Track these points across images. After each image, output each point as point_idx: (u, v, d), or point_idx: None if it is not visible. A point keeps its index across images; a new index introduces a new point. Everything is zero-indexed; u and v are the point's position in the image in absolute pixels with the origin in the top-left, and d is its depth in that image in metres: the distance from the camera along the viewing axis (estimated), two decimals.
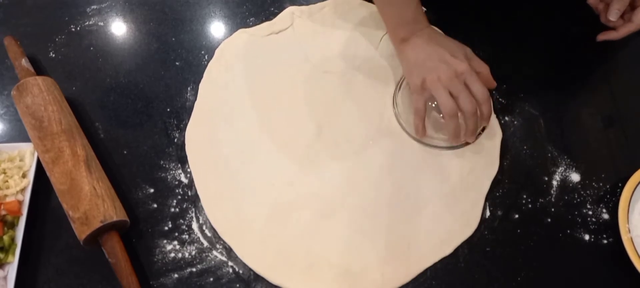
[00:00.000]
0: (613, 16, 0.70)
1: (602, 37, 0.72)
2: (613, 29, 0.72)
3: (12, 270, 0.57)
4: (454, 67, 0.61)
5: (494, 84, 0.65)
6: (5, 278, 0.57)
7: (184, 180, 0.65)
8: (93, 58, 0.74)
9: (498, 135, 0.67)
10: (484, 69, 0.64)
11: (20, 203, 0.60)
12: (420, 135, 0.66)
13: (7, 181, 0.61)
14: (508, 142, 0.67)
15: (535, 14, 0.78)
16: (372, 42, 0.74)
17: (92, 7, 0.78)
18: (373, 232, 0.61)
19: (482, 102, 0.61)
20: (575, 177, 0.65)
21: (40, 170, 0.62)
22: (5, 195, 0.60)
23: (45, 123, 0.62)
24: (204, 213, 0.62)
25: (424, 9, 0.76)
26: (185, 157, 0.66)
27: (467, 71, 0.61)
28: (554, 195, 0.64)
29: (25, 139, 0.64)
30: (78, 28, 0.76)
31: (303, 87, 0.71)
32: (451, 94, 0.61)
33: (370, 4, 0.78)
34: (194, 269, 0.60)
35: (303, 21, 0.76)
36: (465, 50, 0.65)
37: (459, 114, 0.62)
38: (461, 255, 0.60)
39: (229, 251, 0.61)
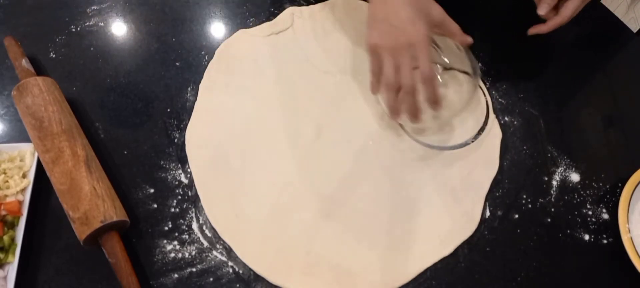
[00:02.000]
0: (542, 10, 0.66)
1: (533, 30, 0.68)
2: (543, 22, 0.68)
3: (12, 270, 0.57)
4: (408, 36, 0.57)
5: (468, 39, 0.63)
6: (5, 278, 0.57)
7: (184, 180, 0.65)
8: (93, 58, 0.74)
9: (498, 135, 0.67)
10: (455, 28, 0.61)
11: (21, 203, 0.60)
12: (374, 91, 0.64)
13: (7, 181, 0.61)
14: (508, 142, 0.68)
15: (536, 14, 0.78)
16: None
17: (93, 7, 0.78)
18: (373, 232, 0.61)
19: (423, 81, 0.58)
20: (575, 177, 0.65)
21: (40, 170, 0.62)
22: (6, 196, 0.60)
23: (46, 123, 0.62)
24: (204, 213, 0.62)
25: None
26: (185, 157, 0.66)
27: (419, 44, 0.57)
28: (554, 195, 0.64)
29: (25, 139, 0.64)
30: (78, 28, 0.76)
31: (303, 87, 0.71)
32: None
33: None
34: (194, 269, 0.60)
35: (303, 21, 0.76)
36: (433, 14, 0.60)
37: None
38: (461, 255, 0.60)
39: (229, 251, 0.61)
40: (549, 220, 0.62)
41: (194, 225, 0.62)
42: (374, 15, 0.61)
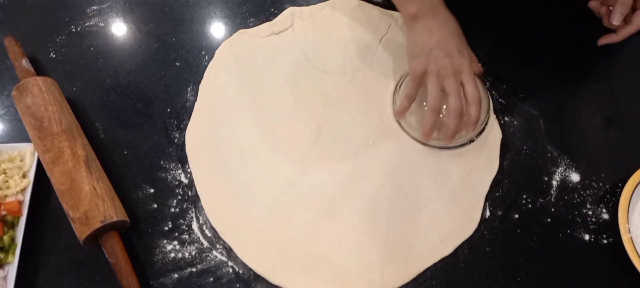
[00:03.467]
0: (616, 20, 0.69)
1: (603, 41, 0.72)
2: (613, 31, 0.72)
3: (12, 270, 0.57)
4: (456, 64, 0.61)
5: (480, 69, 0.67)
6: (5, 278, 0.57)
7: (184, 180, 0.65)
8: (93, 58, 0.74)
9: (498, 135, 0.67)
10: (474, 58, 0.66)
11: (21, 203, 0.60)
12: (399, 116, 0.67)
13: (7, 181, 0.61)
14: (508, 142, 0.67)
15: (535, 13, 0.78)
16: (372, 43, 0.75)
17: (93, 7, 0.78)
18: (373, 232, 0.61)
19: (471, 103, 0.61)
20: (575, 177, 0.65)
21: (40, 170, 0.62)
22: (6, 196, 0.60)
23: (46, 123, 0.62)
24: (204, 213, 0.63)
25: None
26: (185, 157, 0.66)
27: (466, 70, 0.61)
28: (554, 195, 0.64)
29: (25, 139, 0.64)
30: (78, 28, 0.76)
31: (303, 87, 0.71)
32: (444, 90, 0.62)
33: (369, 4, 0.78)
34: (194, 269, 0.60)
35: (303, 21, 0.76)
36: (469, 49, 0.65)
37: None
38: (461, 255, 0.60)
39: (229, 251, 0.61)
40: (549, 220, 0.62)
41: (194, 225, 0.62)
42: (421, 44, 0.64)
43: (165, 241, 0.61)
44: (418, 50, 0.64)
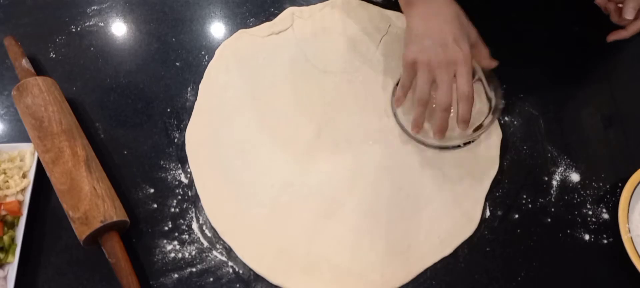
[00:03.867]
0: (629, 15, 0.67)
1: (612, 37, 0.71)
2: (622, 28, 0.70)
3: (12, 270, 0.57)
4: (450, 54, 0.58)
5: (493, 64, 0.64)
6: (5, 278, 0.57)
7: (184, 180, 0.65)
8: (93, 58, 0.74)
9: (498, 135, 0.67)
10: (485, 52, 0.62)
11: (21, 203, 0.60)
12: (398, 104, 0.65)
13: (7, 181, 0.61)
14: (508, 142, 0.67)
15: (536, 13, 0.78)
16: (372, 42, 0.75)
17: (93, 7, 0.79)
18: (373, 232, 0.61)
19: (461, 100, 0.58)
20: (575, 177, 0.65)
21: (40, 170, 0.62)
22: (6, 195, 0.60)
23: (46, 123, 0.62)
24: (204, 213, 0.63)
25: None
26: (185, 157, 0.66)
27: (461, 62, 0.58)
28: (554, 195, 0.64)
29: (25, 139, 0.64)
30: (78, 28, 0.77)
31: (303, 87, 0.71)
32: (434, 81, 0.59)
33: (369, 4, 0.78)
34: (194, 269, 0.60)
35: (303, 21, 0.76)
36: (471, 34, 0.62)
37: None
38: (461, 255, 0.60)
39: (229, 251, 0.61)
40: (549, 220, 0.62)
41: (194, 225, 0.62)
42: (416, 31, 0.61)
43: (165, 241, 0.61)
44: (412, 38, 0.61)
